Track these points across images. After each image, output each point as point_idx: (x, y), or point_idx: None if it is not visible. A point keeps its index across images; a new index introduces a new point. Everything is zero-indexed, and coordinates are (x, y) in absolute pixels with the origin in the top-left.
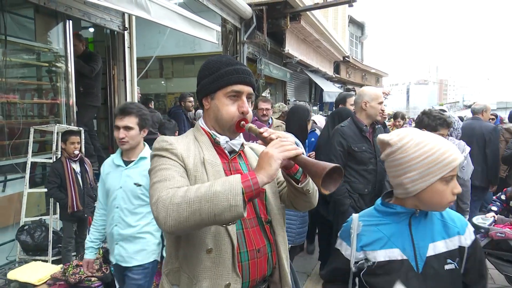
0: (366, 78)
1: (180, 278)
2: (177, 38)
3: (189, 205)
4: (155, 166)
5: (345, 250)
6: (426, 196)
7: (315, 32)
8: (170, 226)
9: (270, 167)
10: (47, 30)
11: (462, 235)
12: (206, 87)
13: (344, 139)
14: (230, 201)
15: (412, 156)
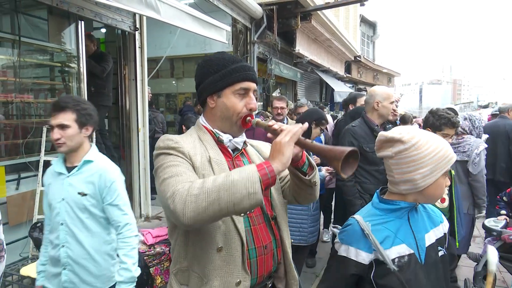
0: (377, 78)
1: (190, 278)
2: (187, 38)
3: (208, 195)
4: (162, 163)
5: (356, 256)
6: (431, 190)
7: (326, 31)
8: (188, 217)
9: (283, 155)
10: (60, 30)
11: (442, 223)
12: (212, 84)
13: (355, 139)
14: (248, 189)
15: (425, 153)
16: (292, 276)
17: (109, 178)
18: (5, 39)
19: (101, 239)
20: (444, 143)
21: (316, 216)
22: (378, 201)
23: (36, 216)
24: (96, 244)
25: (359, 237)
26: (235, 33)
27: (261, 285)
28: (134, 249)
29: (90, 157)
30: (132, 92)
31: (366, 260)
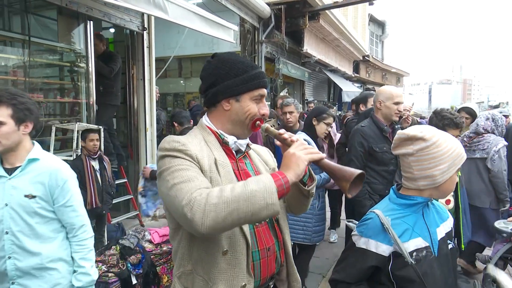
0: (386, 77)
1: (194, 281)
2: (195, 38)
3: (227, 204)
4: (169, 167)
5: (376, 248)
6: (446, 185)
7: (334, 31)
8: (207, 226)
9: (298, 168)
10: (69, 31)
11: (449, 218)
12: (232, 88)
13: (365, 139)
14: (266, 200)
15: (444, 150)
16: (295, 279)
17: (61, 177)
18: (15, 39)
19: (55, 245)
20: (457, 141)
21: (322, 216)
22: (395, 197)
23: None
24: (49, 251)
25: (379, 230)
26: (243, 32)
27: (264, 287)
28: (91, 251)
29: (35, 155)
30: (140, 92)
31: (386, 252)
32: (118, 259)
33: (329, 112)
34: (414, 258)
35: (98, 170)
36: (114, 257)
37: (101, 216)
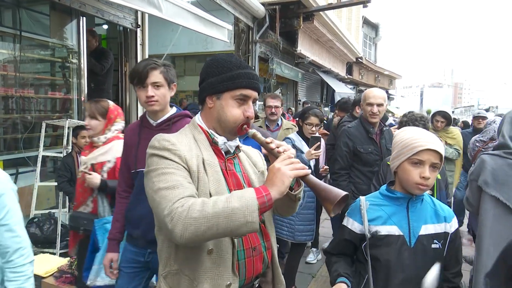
0: (379, 79)
1: (180, 281)
2: (189, 36)
3: (207, 220)
4: (156, 168)
5: (351, 225)
6: (400, 174)
7: (328, 32)
8: (186, 239)
9: (283, 185)
10: (61, 26)
11: (448, 223)
12: (214, 85)
13: (350, 140)
14: (247, 218)
15: (395, 139)
16: (280, 281)
17: None
18: (7, 34)
19: None
20: (415, 135)
21: (308, 216)
22: (384, 189)
23: (33, 211)
24: None
25: (357, 210)
26: (237, 32)
27: (248, 286)
28: (29, 278)
29: None
30: (132, 89)
31: (357, 230)
32: None
33: (311, 111)
34: (372, 235)
35: None
36: None
37: None
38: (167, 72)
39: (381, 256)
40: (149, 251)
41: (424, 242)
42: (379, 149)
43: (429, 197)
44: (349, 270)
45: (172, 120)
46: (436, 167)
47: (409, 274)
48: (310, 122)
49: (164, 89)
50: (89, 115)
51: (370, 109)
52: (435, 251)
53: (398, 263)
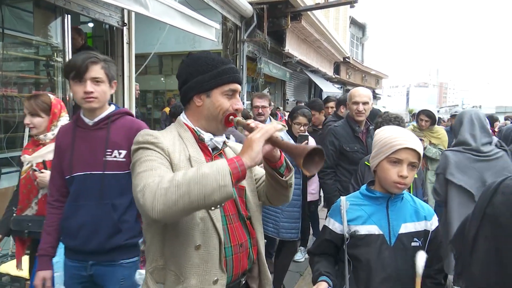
0: (366, 79)
1: (166, 276)
2: (177, 35)
3: (178, 187)
4: (139, 158)
5: (332, 225)
6: (379, 173)
7: (315, 32)
8: (158, 211)
9: (252, 150)
10: (45, 24)
11: (428, 221)
12: (202, 84)
13: (336, 138)
14: (219, 182)
15: (375, 139)
16: (266, 276)
17: None
18: None
19: None
20: (394, 134)
21: (293, 214)
22: (364, 188)
23: None
24: None
25: (337, 211)
26: (225, 31)
27: (235, 283)
28: None
29: None
30: (119, 88)
31: (338, 230)
32: None
33: (300, 111)
34: (351, 235)
35: None
36: None
37: None
38: (108, 68)
39: (362, 256)
40: (91, 263)
41: (404, 241)
42: (365, 148)
43: (409, 195)
44: (330, 269)
45: (110, 119)
46: (414, 166)
47: (390, 272)
48: (298, 121)
49: (104, 85)
50: (30, 112)
51: (356, 108)
52: (415, 249)
53: (379, 262)
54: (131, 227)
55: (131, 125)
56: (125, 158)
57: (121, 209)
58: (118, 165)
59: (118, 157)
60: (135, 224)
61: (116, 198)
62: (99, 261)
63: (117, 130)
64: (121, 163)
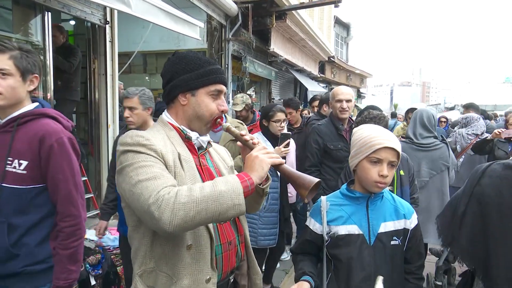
0: (350, 78)
1: (157, 278)
2: (161, 34)
3: (196, 204)
4: (132, 162)
5: (313, 226)
6: (358, 172)
7: (300, 31)
8: (175, 225)
9: (262, 170)
10: (25, 21)
11: (408, 219)
12: (188, 83)
13: (320, 137)
14: (234, 200)
15: (353, 138)
16: (255, 271)
17: None
18: None
19: None
20: (373, 133)
21: (271, 219)
22: (344, 188)
23: None
24: None
25: (318, 211)
26: (210, 30)
27: (224, 281)
28: None
29: None
30: (101, 87)
31: (318, 231)
32: None
33: (276, 108)
34: (330, 236)
35: None
36: None
37: None
38: (21, 59)
39: (342, 255)
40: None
41: (383, 240)
42: (349, 146)
43: (389, 193)
44: (313, 268)
45: (18, 121)
46: (393, 164)
47: (369, 271)
48: (277, 119)
49: (12, 79)
50: None
51: (340, 105)
52: (394, 248)
53: (359, 261)
54: (32, 252)
55: (37, 131)
56: (26, 171)
57: (20, 231)
58: (17, 178)
59: (18, 169)
60: (39, 248)
61: (15, 217)
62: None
63: (24, 136)
64: (20, 176)
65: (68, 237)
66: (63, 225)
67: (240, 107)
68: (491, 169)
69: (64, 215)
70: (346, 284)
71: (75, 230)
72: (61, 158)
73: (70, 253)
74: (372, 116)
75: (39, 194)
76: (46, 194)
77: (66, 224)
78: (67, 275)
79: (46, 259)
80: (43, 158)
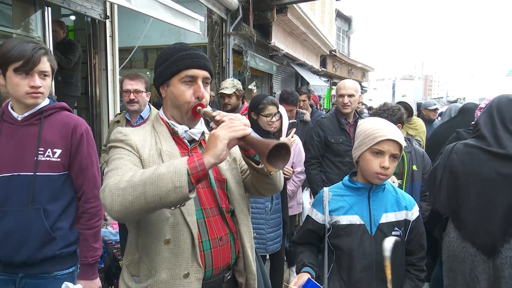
0: (352, 72)
1: (140, 269)
2: (161, 28)
3: (134, 189)
4: (110, 156)
5: (315, 215)
6: (361, 164)
7: (301, 25)
8: (116, 211)
9: (215, 148)
10: (25, 17)
11: (409, 211)
12: (160, 74)
13: (322, 130)
14: (174, 183)
15: (357, 130)
16: (250, 271)
17: None
18: None
19: None
20: (376, 125)
21: (277, 220)
22: (346, 179)
23: None
24: None
25: (320, 201)
26: (210, 24)
27: (219, 277)
28: None
29: None
30: (102, 82)
31: (320, 220)
32: None
33: (266, 100)
34: (332, 225)
35: None
36: None
37: None
38: (53, 60)
39: (344, 245)
40: (21, 276)
41: (384, 230)
42: (351, 140)
43: (391, 185)
44: (313, 259)
45: (44, 114)
46: (395, 157)
47: (370, 261)
48: (268, 113)
49: (49, 79)
50: None
51: (342, 100)
52: (396, 239)
53: (360, 251)
54: (66, 235)
55: (67, 122)
56: (60, 158)
57: (54, 216)
58: (52, 165)
59: (52, 157)
60: (70, 232)
61: (49, 203)
62: (30, 274)
63: (52, 127)
64: (55, 164)
65: (92, 217)
66: (89, 206)
67: (229, 91)
68: (457, 147)
69: (89, 197)
70: (348, 273)
71: (98, 210)
72: (89, 145)
73: (94, 232)
74: (386, 108)
75: (66, 180)
76: (69, 180)
77: (91, 205)
78: (93, 252)
79: (76, 240)
80: (73, 145)
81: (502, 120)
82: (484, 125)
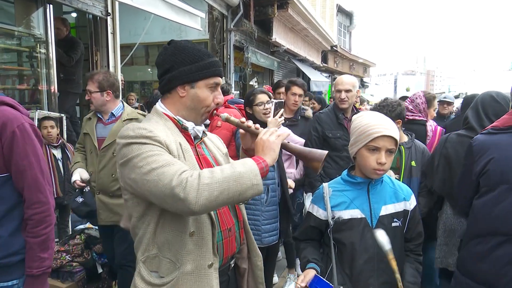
0: (354, 68)
1: (160, 264)
2: (162, 25)
3: (219, 184)
4: (139, 153)
5: (316, 212)
6: (358, 160)
7: (302, 20)
8: (201, 205)
9: (274, 152)
10: (27, 14)
11: (407, 201)
12: (188, 75)
13: (319, 125)
14: (252, 181)
15: (352, 126)
16: (256, 254)
17: None
18: None
19: None
20: (372, 121)
21: (273, 213)
22: (345, 174)
23: None
24: None
25: (321, 198)
26: (211, 20)
27: (226, 266)
28: None
29: None
30: None
31: (322, 216)
32: (82, 249)
33: (255, 91)
34: (334, 221)
35: (60, 159)
36: (78, 247)
37: (64, 206)
38: None
39: (346, 239)
40: None
41: (384, 222)
42: (349, 135)
43: (388, 177)
44: (317, 255)
45: None
46: (391, 152)
47: (372, 253)
48: (260, 101)
49: None
50: None
51: (339, 96)
52: (395, 229)
53: (362, 244)
54: (5, 244)
55: None
56: None
57: None
58: None
59: None
60: (11, 240)
61: None
62: None
63: None
64: None
65: (38, 224)
66: (31, 212)
67: None
68: (450, 137)
69: (31, 202)
70: (350, 266)
71: (45, 216)
72: (25, 144)
73: (40, 240)
74: (385, 104)
75: (6, 183)
76: (10, 184)
77: (34, 211)
78: (39, 263)
79: (20, 250)
80: (5, 145)
81: (486, 114)
82: (472, 118)
